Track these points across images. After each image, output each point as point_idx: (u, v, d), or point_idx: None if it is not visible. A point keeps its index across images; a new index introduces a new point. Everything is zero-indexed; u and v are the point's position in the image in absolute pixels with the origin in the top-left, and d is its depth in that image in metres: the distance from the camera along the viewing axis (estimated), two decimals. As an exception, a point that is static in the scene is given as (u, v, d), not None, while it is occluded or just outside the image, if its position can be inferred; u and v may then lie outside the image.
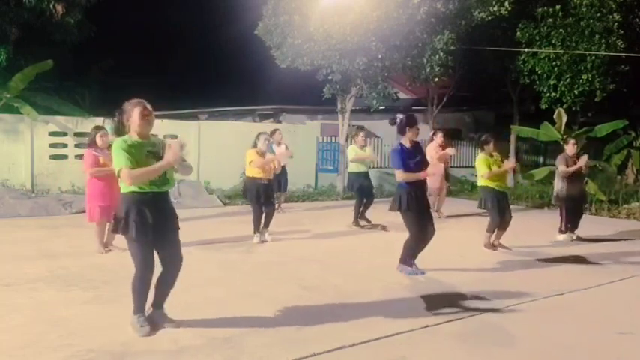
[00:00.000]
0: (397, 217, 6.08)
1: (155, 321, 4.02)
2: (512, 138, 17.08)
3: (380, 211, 9.92)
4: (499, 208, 7.24)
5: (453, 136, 18.03)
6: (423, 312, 4.61)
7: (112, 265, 6.02)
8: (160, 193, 3.92)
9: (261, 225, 7.64)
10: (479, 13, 13.20)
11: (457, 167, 17.59)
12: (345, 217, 10.40)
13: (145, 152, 3.83)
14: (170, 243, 3.98)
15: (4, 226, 8.35)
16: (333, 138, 14.99)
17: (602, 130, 13.15)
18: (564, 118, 12.84)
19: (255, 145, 7.59)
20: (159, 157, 3.83)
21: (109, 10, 18.59)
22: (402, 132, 5.94)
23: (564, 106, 13.64)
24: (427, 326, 4.25)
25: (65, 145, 12.09)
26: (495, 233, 7.40)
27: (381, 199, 11.91)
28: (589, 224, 9.39)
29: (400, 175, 5.78)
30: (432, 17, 12.50)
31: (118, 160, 3.74)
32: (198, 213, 10.09)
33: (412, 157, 5.84)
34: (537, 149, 18.92)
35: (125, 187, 3.83)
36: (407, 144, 5.90)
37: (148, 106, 3.92)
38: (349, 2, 12.10)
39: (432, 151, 9.73)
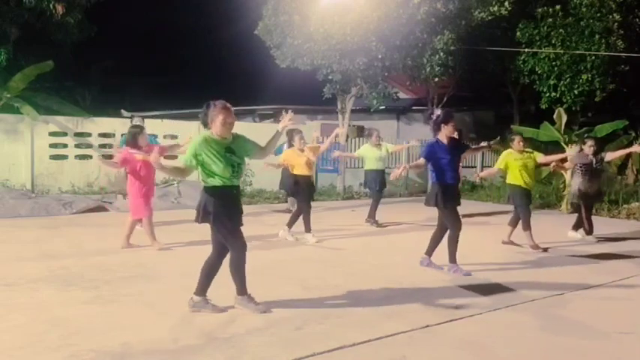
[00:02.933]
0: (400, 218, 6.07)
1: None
2: (512, 138, 17.06)
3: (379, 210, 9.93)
4: (528, 204, 7.54)
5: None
6: (424, 312, 4.61)
7: (112, 265, 6.02)
8: (235, 185, 4.37)
9: (310, 223, 7.77)
10: (479, 13, 13.21)
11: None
12: (345, 217, 10.41)
13: (224, 148, 4.26)
14: (239, 229, 4.40)
15: (5, 226, 8.34)
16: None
17: (602, 130, 13.14)
18: (564, 118, 12.84)
19: (291, 145, 7.73)
20: (233, 152, 4.28)
21: (109, 10, 18.60)
22: (437, 128, 5.87)
23: (564, 106, 13.64)
24: (428, 326, 4.25)
25: (65, 145, 12.09)
26: (509, 230, 7.63)
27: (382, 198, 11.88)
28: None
29: (418, 162, 5.95)
30: (432, 17, 12.51)
31: (187, 154, 4.27)
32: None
33: (445, 154, 5.83)
34: (537, 149, 18.84)
35: (210, 182, 4.27)
36: (443, 139, 5.88)
37: (232, 112, 4.28)
38: (349, 2, 12.10)
39: None
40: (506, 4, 13.12)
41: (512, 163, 7.52)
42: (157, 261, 6.30)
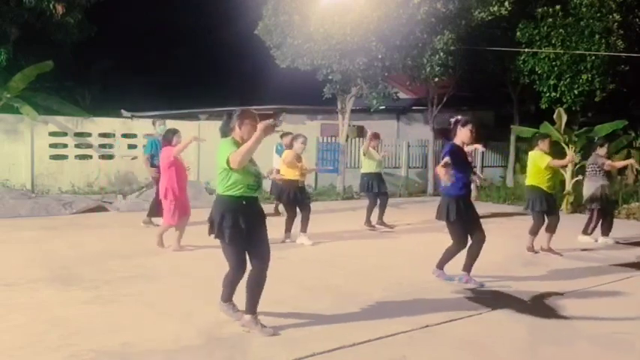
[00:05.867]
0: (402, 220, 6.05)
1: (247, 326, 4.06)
2: (512, 138, 17.08)
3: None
4: (547, 210, 7.15)
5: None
6: (424, 312, 4.61)
7: (112, 265, 6.03)
8: (254, 198, 4.11)
9: (291, 227, 7.71)
10: (479, 13, 13.21)
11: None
12: (345, 217, 10.43)
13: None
14: (260, 244, 4.11)
15: (4, 226, 8.34)
16: (333, 138, 14.98)
17: (602, 130, 13.14)
18: (564, 118, 12.84)
19: (291, 146, 7.68)
20: (252, 160, 4.05)
21: (109, 10, 18.59)
22: (453, 132, 5.54)
23: (564, 106, 13.63)
24: (427, 326, 4.25)
25: (65, 145, 12.09)
26: (547, 237, 7.28)
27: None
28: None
29: (439, 168, 5.26)
30: (432, 17, 12.50)
31: (225, 152, 3.91)
32: (198, 213, 10.05)
33: (464, 160, 5.50)
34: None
35: (222, 190, 4.01)
36: (460, 144, 5.54)
37: (257, 117, 4.11)
38: (349, 2, 12.10)
39: None
40: (506, 4, 13.12)
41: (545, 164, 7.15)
42: (157, 261, 6.30)
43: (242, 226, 3.95)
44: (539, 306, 4.94)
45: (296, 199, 7.62)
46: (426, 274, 5.90)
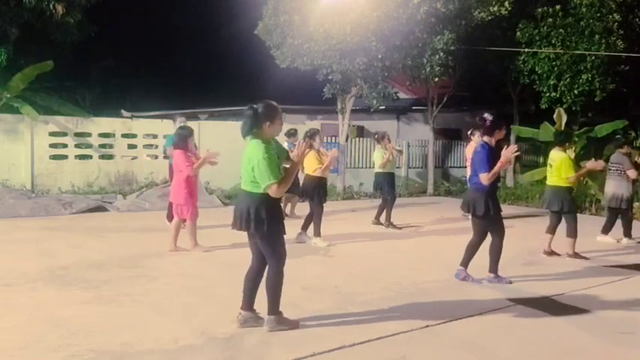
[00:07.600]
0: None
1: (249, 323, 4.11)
2: (513, 138, 17.08)
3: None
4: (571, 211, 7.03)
5: (452, 136, 18.04)
6: (424, 312, 4.61)
7: (112, 265, 6.03)
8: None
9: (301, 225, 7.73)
10: (479, 13, 13.21)
11: (457, 167, 17.59)
12: (345, 217, 10.41)
13: (276, 152, 4.03)
14: (282, 240, 4.17)
15: (4, 226, 8.34)
16: (333, 138, 14.98)
17: (602, 130, 13.15)
18: (564, 118, 12.85)
19: (311, 146, 7.57)
20: (278, 156, 4.06)
21: (109, 10, 18.58)
22: (489, 133, 5.66)
23: (564, 106, 13.65)
24: (427, 326, 4.25)
25: (65, 145, 12.10)
26: (549, 239, 7.11)
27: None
28: (591, 225, 9.36)
29: (486, 178, 5.42)
30: (432, 17, 12.50)
31: (268, 173, 3.83)
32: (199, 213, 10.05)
33: (495, 159, 5.54)
34: (537, 149, 18.88)
35: (256, 190, 3.95)
36: (492, 144, 5.64)
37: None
38: (349, 2, 12.10)
39: (470, 152, 8.75)
40: (506, 4, 13.12)
41: (573, 166, 7.01)
42: (156, 261, 6.30)
43: (279, 217, 4.04)
44: (540, 306, 4.93)
45: (324, 195, 7.68)
46: (426, 274, 5.91)
